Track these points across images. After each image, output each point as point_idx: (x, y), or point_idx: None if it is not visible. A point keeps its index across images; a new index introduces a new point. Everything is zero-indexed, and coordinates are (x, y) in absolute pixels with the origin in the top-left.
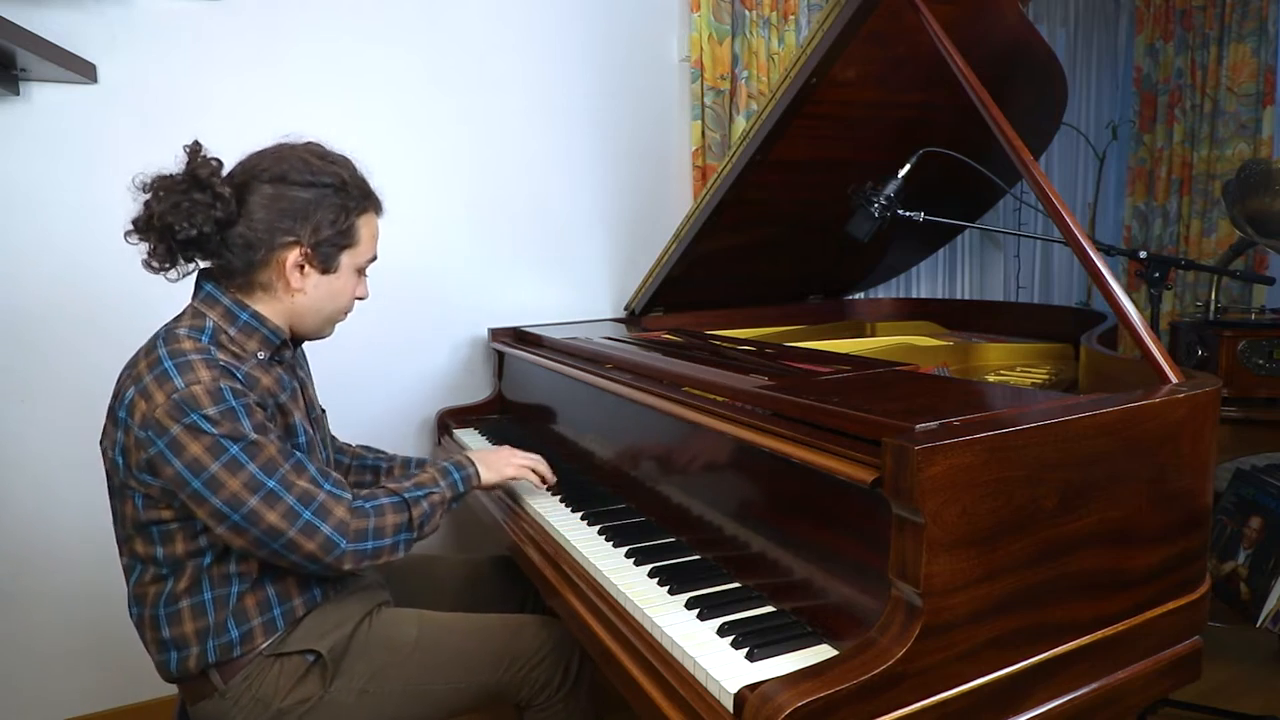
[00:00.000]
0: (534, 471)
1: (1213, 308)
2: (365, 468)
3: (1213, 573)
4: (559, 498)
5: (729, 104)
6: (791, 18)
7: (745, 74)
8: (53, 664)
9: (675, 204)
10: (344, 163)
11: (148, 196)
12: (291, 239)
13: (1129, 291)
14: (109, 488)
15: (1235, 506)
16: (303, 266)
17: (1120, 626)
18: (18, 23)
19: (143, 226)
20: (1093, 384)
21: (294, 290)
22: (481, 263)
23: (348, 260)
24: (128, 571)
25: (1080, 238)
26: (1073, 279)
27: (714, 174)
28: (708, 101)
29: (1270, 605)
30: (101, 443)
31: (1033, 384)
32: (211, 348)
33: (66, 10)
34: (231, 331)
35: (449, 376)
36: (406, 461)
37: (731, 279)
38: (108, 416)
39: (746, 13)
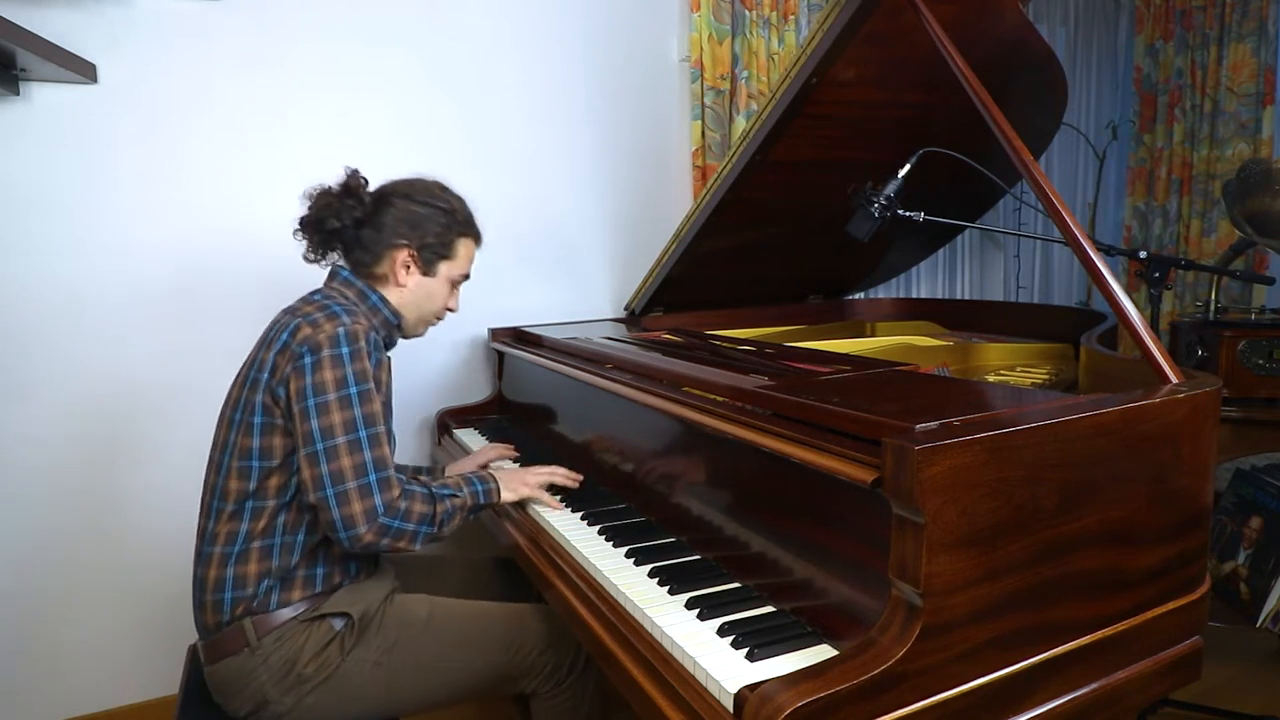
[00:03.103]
0: (552, 484)
1: (1213, 308)
2: None
3: (1213, 573)
4: (559, 497)
5: (729, 104)
6: (791, 18)
7: (745, 74)
8: (52, 663)
9: (675, 204)
10: (459, 198)
11: (310, 202)
12: (404, 241)
13: (1129, 291)
14: (226, 420)
15: (1235, 506)
16: (409, 266)
17: (1120, 626)
18: (18, 23)
19: (305, 222)
20: (1093, 384)
21: (400, 285)
22: (481, 263)
23: (445, 270)
24: (208, 511)
25: (1080, 238)
26: (1073, 279)
27: (714, 174)
28: (708, 101)
29: (1270, 605)
30: (245, 374)
31: (1033, 384)
32: (357, 312)
33: (66, 10)
34: (363, 308)
35: (449, 376)
36: (418, 470)
37: (731, 279)
38: (260, 347)
39: (746, 13)
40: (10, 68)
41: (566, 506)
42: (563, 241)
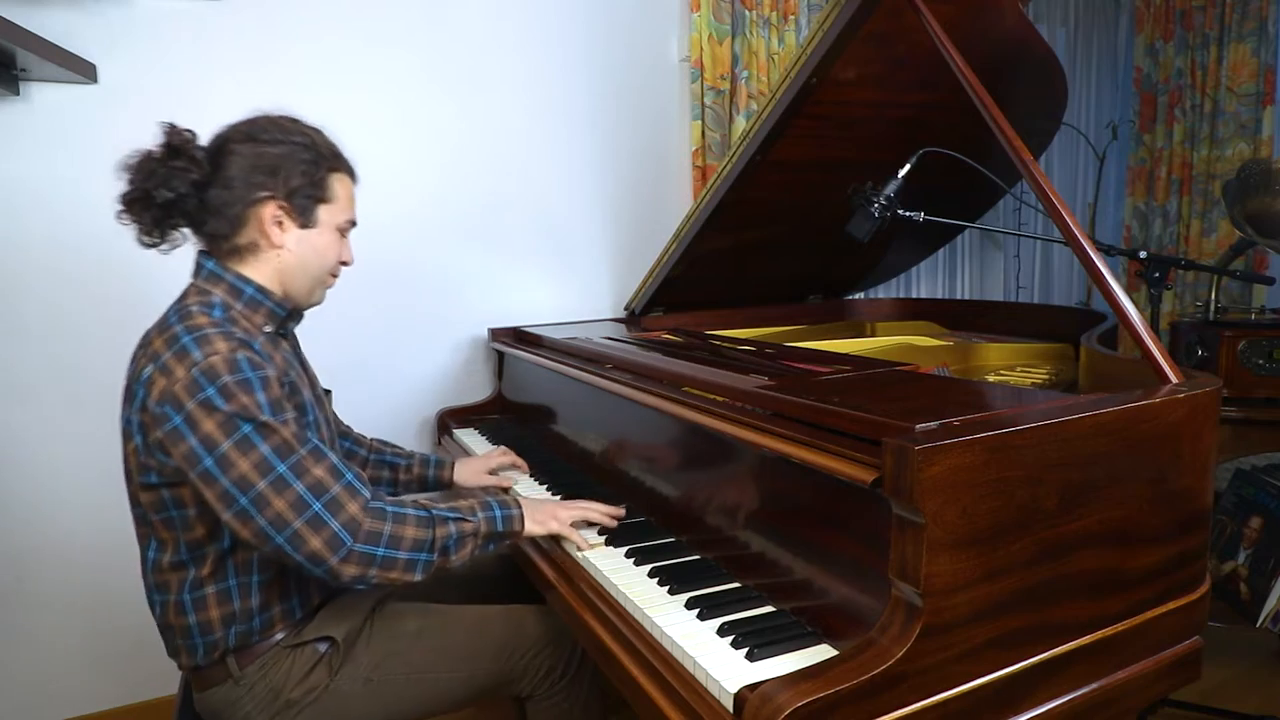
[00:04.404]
0: (588, 523)
1: (1213, 308)
2: (384, 463)
3: (1213, 573)
4: (559, 497)
5: (729, 104)
6: (791, 18)
7: (745, 74)
8: (53, 664)
9: (675, 204)
10: (314, 129)
11: (129, 174)
12: (265, 193)
13: (1129, 291)
14: (125, 471)
15: (1235, 506)
16: (281, 222)
17: (1120, 627)
18: (18, 23)
19: (128, 200)
20: (1093, 384)
21: (276, 247)
22: (481, 263)
23: (325, 216)
24: (146, 561)
25: (1080, 238)
26: (1073, 279)
27: (714, 174)
28: (708, 101)
29: (1270, 605)
30: (122, 424)
31: (1033, 384)
32: (224, 322)
33: (66, 10)
34: (239, 306)
35: (449, 376)
36: (425, 460)
37: (732, 279)
38: (125, 397)
39: (746, 13)
40: (10, 68)
41: (604, 539)
42: (563, 241)
